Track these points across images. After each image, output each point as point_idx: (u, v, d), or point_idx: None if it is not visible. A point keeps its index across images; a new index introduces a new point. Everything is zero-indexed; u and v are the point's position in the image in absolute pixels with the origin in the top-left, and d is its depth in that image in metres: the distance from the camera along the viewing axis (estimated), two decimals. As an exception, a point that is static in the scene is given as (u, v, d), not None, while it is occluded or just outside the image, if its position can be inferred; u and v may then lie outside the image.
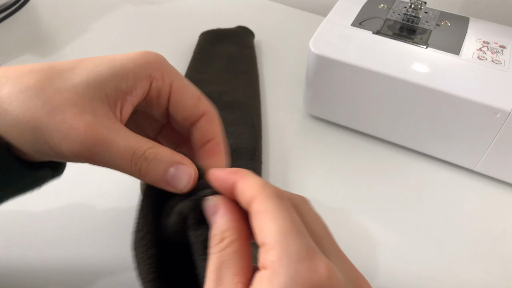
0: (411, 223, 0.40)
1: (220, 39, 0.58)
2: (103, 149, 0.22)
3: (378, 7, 0.48)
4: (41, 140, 0.22)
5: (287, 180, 0.43)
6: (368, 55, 0.42)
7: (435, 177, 0.44)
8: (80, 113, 0.22)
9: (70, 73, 0.24)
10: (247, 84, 0.51)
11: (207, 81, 0.51)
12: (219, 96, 0.49)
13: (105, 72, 0.24)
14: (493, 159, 0.41)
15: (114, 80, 0.24)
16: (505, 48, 0.43)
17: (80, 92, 0.23)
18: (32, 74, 0.23)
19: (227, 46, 0.57)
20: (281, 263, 0.18)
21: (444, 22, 0.46)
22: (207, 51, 0.56)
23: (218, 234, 0.21)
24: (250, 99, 0.49)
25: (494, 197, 0.43)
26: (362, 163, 0.45)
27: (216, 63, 0.54)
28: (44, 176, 0.27)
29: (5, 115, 0.22)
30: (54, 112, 0.22)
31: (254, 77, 0.53)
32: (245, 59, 0.55)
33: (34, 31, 0.61)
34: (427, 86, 0.39)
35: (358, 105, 0.45)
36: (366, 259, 0.37)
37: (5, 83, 0.23)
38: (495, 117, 0.38)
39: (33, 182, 0.27)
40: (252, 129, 0.45)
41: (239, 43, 0.57)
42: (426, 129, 0.43)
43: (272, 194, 0.21)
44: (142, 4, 0.67)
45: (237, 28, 0.59)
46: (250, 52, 0.57)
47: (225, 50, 0.56)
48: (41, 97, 0.22)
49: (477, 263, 0.37)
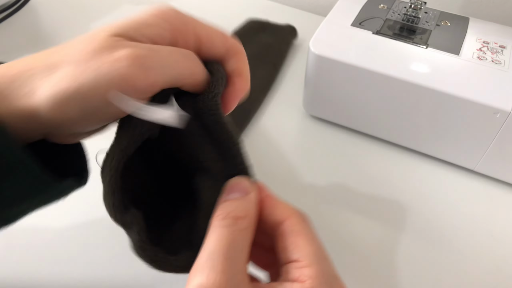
0: (410, 223, 0.40)
1: (263, 29, 0.60)
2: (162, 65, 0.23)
3: (378, 7, 0.48)
4: (101, 82, 0.22)
5: (287, 180, 0.43)
6: (368, 55, 0.42)
7: (435, 177, 0.44)
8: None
9: None
10: (265, 75, 0.53)
11: None
12: None
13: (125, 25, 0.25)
14: (493, 159, 0.42)
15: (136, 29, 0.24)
16: (505, 48, 0.43)
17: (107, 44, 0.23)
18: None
19: (267, 36, 0.58)
20: (319, 281, 0.21)
21: (444, 22, 0.46)
22: (246, 36, 0.58)
23: (243, 210, 0.23)
24: (259, 90, 0.51)
25: (494, 197, 0.43)
26: (362, 163, 0.45)
27: (248, 49, 0.55)
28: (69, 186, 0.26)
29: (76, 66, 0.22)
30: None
31: (275, 71, 0.54)
32: (277, 52, 0.57)
33: (34, 31, 0.61)
34: (427, 86, 0.39)
35: (358, 105, 0.45)
36: (366, 259, 0.37)
37: None
38: (495, 117, 0.38)
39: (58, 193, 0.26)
40: (245, 116, 0.47)
41: (280, 37, 0.59)
42: (426, 129, 0.43)
43: (304, 218, 0.24)
44: (142, 4, 0.67)
45: (284, 25, 0.61)
46: (284, 47, 0.58)
47: (262, 40, 0.58)
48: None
49: (477, 263, 0.37)
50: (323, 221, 0.39)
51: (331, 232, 0.39)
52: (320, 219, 0.40)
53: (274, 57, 0.56)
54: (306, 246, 0.22)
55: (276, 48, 0.57)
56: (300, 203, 0.41)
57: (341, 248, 0.38)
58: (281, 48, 0.58)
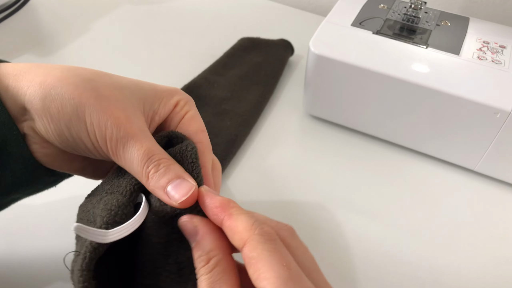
0: (410, 223, 0.40)
1: (254, 48, 0.56)
2: (130, 144, 0.24)
3: (378, 7, 0.48)
4: (79, 117, 0.24)
5: (287, 180, 0.43)
6: (368, 55, 0.42)
7: (435, 177, 0.44)
8: (123, 108, 0.25)
9: (118, 78, 0.27)
10: (256, 97, 0.49)
11: (218, 84, 0.51)
12: (219, 102, 0.48)
13: (147, 89, 0.27)
14: (493, 159, 0.41)
15: (152, 99, 0.27)
16: (505, 48, 0.43)
17: (126, 94, 0.26)
18: (84, 68, 0.26)
19: (257, 54, 0.55)
20: None
21: (444, 22, 0.46)
22: (236, 57, 0.55)
23: (203, 255, 0.22)
24: (249, 113, 0.47)
25: (494, 197, 0.43)
26: (362, 163, 0.45)
27: (237, 69, 0.53)
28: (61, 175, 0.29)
29: (53, 90, 0.24)
30: (100, 98, 0.24)
31: (267, 91, 0.51)
32: (268, 70, 0.53)
33: (34, 31, 0.61)
34: (427, 86, 0.39)
35: (358, 105, 0.45)
36: (365, 259, 0.37)
37: (58, 68, 0.25)
38: (495, 117, 0.38)
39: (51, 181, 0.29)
40: (229, 144, 0.44)
41: (271, 54, 0.55)
42: (426, 129, 0.43)
43: (261, 238, 0.22)
44: (142, 4, 0.67)
45: (278, 41, 0.57)
46: (277, 64, 0.54)
47: (252, 59, 0.55)
48: (91, 83, 0.25)
49: (477, 263, 0.37)
50: (323, 221, 0.39)
51: (330, 232, 0.39)
52: (320, 219, 0.40)
53: (264, 77, 0.52)
54: (267, 272, 0.20)
55: (268, 67, 0.53)
56: (300, 203, 0.41)
57: (341, 248, 0.38)
58: (274, 66, 0.54)
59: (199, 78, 0.52)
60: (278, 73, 0.54)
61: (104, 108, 0.24)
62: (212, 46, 0.58)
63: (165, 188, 0.24)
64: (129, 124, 0.25)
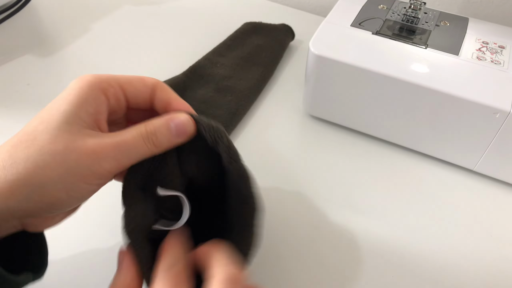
0: (410, 223, 0.40)
1: (256, 31, 0.59)
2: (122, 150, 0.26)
3: (378, 7, 0.48)
4: (74, 180, 0.25)
5: (287, 180, 0.43)
6: (367, 55, 0.42)
7: (434, 177, 0.44)
8: (85, 143, 0.25)
9: (44, 125, 0.25)
10: (256, 76, 0.52)
11: (221, 64, 0.54)
12: (221, 79, 0.51)
13: (70, 109, 0.26)
14: (493, 159, 0.42)
15: (82, 110, 0.26)
16: (504, 48, 0.43)
17: (70, 131, 0.25)
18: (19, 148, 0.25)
19: (259, 37, 0.58)
20: None
21: (443, 23, 0.46)
22: (238, 39, 0.58)
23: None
24: (249, 90, 0.50)
25: (493, 197, 0.43)
26: (362, 163, 0.45)
27: (239, 51, 0.56)
28: (26, 281, 0.27)
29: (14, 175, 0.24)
30: (67, 156, 0.24)
31: (267, 71, 0.54)
32: (269, 52, 0.56)
33: (35, 31, 0.61)
34: (427, 86, 0.40)
35: (358, 105, 0.45)
36: (365, 259, 0.37)
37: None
38: (494, 117, 0.38)
39: (14, 285, 0.27)
40: (231, 116, 0.47)
41: (272, 37, 0.58)
42: (425, 129, 0.43)
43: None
44: (142, 4, 0.67)
45: (279, 25, 0.60)
46: (278, 47, 0.57)
47: (254, 41, 0.57)
48: (46, 154, 0.24)
49: (477, 263, 0.37)
50: (323, 220, 0.40)
51: (330, 231, 0.39)
52: (320, 218, 0.40)
53: (265, 58, 0.55)
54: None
55: (268, 49, 0.56)
56: (300, 203, 0.41)
57: (341, 248, 0.38)
58: (274, 48, 0.56)
59: (203, 59, 0.54)
60: (278, 55, 0.56)
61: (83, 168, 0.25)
62: (212, 46, 0.58)
63: (174, 135, 0.28)
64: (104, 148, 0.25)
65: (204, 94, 0.49)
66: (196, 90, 0.50)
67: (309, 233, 0.39)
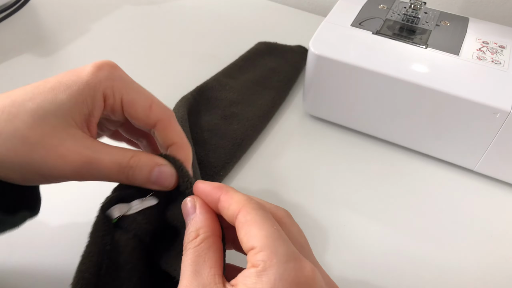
0: (410, 223, 0.40)
1: (269, 52, 0.56)
2: (92, 167, 0.25)
3: (378, 7, 0.48)
4: (31, 172, 0.24)
5: (287, 180, 0.43)
6: (368, 55, 0.42)
7: (434, 177, 0.44)
8: (61, 143, 0.24)
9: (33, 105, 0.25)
10: (266, 102, 0.49)
11: (230, 87, 0.50)
12: (229, 105, 0.48)
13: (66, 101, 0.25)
14: (493, 159, 0.42)
15: (76, 107, 0.25)
16: (504, 48, 0.43)
17: (54, 124, 0.24)
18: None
19: (272, 59, 0.55)
20: (271, 262, 0.21)
21: (443, 22, 0.46)
22: (250, 61, 0.55)
23: (193, 230, 0.24)
24: (258, 118, 0.47)
25: (493, 197, 0.43)
26: (362, 163, 0.45)
27: (251, 73, 0.53)
28: (22, 218, 0.28)
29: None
30: (36, 149, 0.24)
31: (278, 97, 0.50)
32: (282, 76, 0.52)
33: (34, 31, 0.61)
34: (427, 86, 0.40)
35: (358, 105, 0.45)
36: (365, 259, 0.37)
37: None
38: (494, 117, 0.38)
39: (12, 224, 0.27)
40: (235, 148, 0.43)
41: (285, 59, 0.55)
42: (425, 129, 0.43)
43: (256, 206, 0.23)
44: (142, 4, 0.67)
45: (295, 47, 0.57)
46: (291, 70, 0.53)
47: (267, 64, 0.54)
48: (18, 138, 0.24)
49: (477, 263, 0.37)
50: (323, 220, 0.40)
51: (330, 231, 0.39)
52: (320, 218, 0.40)
53: (277, 82, 0.51)
54: (258, 232, 0.22)
55: (282, 73, 0.52)
56: (300, 202, 0.41)
57: (341, 247, 0.38)
58: (288, 72, 0.53)
59: (211, 80, 0.51)
60: (291, 79, 0.53)
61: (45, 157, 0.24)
62: (212, 46, 0.59)
63: (151, 181, 0.26)
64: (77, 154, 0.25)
65: (209, 120, 0.46)
66: (201, 115, 0.47)
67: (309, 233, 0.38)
